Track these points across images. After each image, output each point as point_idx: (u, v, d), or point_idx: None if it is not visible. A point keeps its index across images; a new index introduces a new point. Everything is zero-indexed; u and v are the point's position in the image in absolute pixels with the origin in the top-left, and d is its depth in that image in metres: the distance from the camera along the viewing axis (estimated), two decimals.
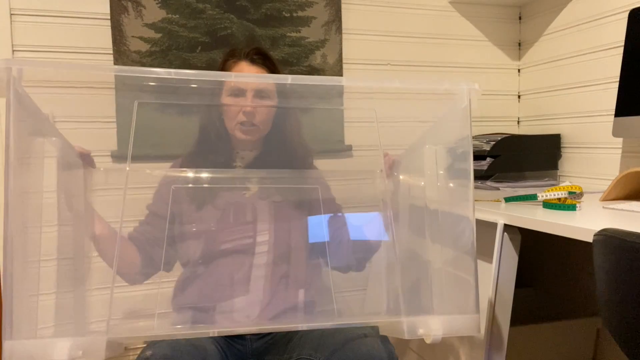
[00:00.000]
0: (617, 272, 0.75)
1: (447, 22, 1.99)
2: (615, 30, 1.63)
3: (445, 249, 1.03)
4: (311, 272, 1.25)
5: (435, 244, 1.05)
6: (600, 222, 1.00)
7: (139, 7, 1.63)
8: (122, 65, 1.62)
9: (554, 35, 1.91)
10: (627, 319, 0.76)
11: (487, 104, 2.07)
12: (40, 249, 0.88)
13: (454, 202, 1.02)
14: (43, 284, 0.89)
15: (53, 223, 0.95)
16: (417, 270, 1.10)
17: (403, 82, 1.02)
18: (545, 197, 1.23)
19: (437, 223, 1.03)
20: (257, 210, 1.20)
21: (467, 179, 0.97)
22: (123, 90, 1.62)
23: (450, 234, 1.02)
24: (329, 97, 1.68)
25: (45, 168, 0.91)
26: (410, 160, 1.16)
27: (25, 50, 1.55)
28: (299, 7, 1.79)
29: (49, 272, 0.92)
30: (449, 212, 1.03)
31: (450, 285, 1.03)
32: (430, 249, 1.06)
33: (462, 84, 0.98)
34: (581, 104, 1.79)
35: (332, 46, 1.83)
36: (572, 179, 1.84)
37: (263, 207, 1.21)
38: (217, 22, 1.70)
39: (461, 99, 0.97)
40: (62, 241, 0.96)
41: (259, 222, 1.19)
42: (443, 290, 1.03)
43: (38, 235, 0.88)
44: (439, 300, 1.03)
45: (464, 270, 0.97)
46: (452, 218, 1.02)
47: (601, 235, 0.78)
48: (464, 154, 0.98)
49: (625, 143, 1.63)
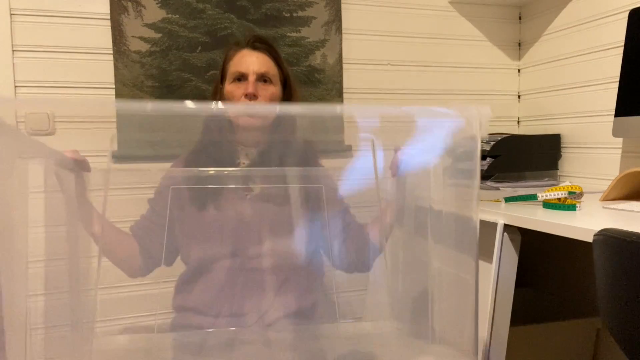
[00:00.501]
0: (617, 272, 0.75)
1: (447, 22, 1.99)
2: (615, 30, 1.63)
3: (447, 269, 1.01)
4: (314, 275, 1.23)
5: (437, 247, 1.03)
6: (600, 222, 1.00)
7: (139, 7, 1.63)
8: (122, 64, 1.62)
9: (554, 35, 1.91)
10: (627, 319, 0.76)
11: (487, 104, 2.06)
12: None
13: (459, 209, 0.99)
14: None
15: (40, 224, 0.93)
16: (417, 283, 1.08)
17: (408, 110, 0.96)
18: (545, 197, 1.23)
19: (441, 225, 1.01)
20: (258, 212, 1.18)
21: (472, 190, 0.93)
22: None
23: (453, 238, 1.00)
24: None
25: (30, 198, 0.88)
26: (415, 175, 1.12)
27: (25, 50, 1.55)
28: (299, 7, 1.79)
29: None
30: (454, 216, 1.00)
31: (450, 313, 1.01)
32: (433, 255, 1.04)
33: (472, 108, 0.93)
34: (581, 104, 1.79)
35: (332, 46, 1.83)
36: (572, 179, 1.84)
37: (265, 209, 1.19)
38: (217, 22, 1.70)
39: (470, 124, 0.92)
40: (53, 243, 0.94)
41: (260, 224, 1.18)
42: (443, 316, 1.01)
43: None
44: (438, 323, 1.01)
45: (464, 301, 0.94)
46: (455, 222, 0.99)
47: (601, 235, 0.78)
48: (469, 169, 0.93)
49: (625, 143, 1.63)
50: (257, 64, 1.19)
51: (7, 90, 1.53)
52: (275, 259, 1.16)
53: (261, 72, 1.18)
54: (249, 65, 1.18)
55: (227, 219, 1.17)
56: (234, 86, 1.19)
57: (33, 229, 0.87)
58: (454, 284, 1.00)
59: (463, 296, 0.96)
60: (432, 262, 1.05)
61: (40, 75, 1.57)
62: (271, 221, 1.18)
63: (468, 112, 0.91)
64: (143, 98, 1.65)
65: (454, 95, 2.02)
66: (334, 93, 1.85)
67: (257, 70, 1.18)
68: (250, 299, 1.14)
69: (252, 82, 1.17)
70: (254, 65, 1.18)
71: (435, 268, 1.04)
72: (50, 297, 0.94)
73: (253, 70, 1.18)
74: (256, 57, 1.20)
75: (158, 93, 1.66)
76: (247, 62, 1.19)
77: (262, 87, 1.18)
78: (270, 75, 1.20)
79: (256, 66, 1.18)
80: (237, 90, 1.18)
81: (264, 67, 1.19)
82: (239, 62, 1.20)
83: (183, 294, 1.19)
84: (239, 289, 1.14)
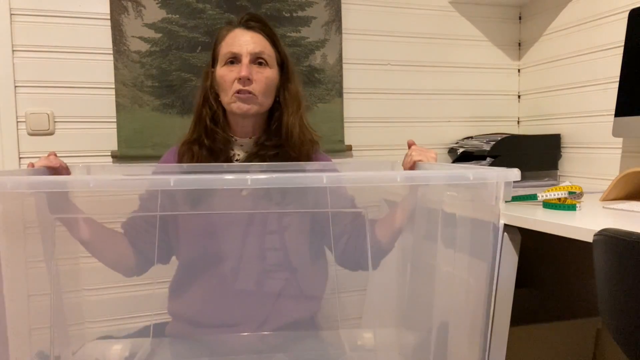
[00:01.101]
0: (617, 272, 0.75)
1: (447, 22, 1.99)
2: (615, 30, 1.63)
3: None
4: (314, 278, 1.14)
5: (447, 251, 0.98)
6: (600, 222, 1.00)
7: (139, 7, 1.63)
8: (122, 64, 1.62)
9: (554, 35, 1.91)
10: (627, 319, 0.76)
11: (487, 104, 2.07)
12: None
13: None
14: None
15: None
16: (424, 286, 1.04)
17: (422, 175, 0.85)
18: (545, 197, 1.23)
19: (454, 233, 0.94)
20: (253, 211, 1.09)
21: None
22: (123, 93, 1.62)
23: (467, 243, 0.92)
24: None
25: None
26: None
27: (25, 50, 1.55)
28: (299, 7, 1.79)
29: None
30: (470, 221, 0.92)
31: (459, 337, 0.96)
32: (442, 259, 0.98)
33: (493, 171, 0.78)
34: (581, 104, 1.79)
35: (332, 46, 1.83)
36: (572, 179, 1.84)
37: (262, 206, 1.09)
38: (217, 22, 1.70)
39: (490, 191, 0.79)
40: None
41: (256, 224, 1.08)
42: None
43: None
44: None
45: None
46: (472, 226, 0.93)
47: (601, 235, 0.78)
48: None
49: (625, 143, 1.62)
50: (251, 44, 1.08)
51: (7, 90, 1.53)
52: (274, 261, 1.08)
53: (255, 52, 1.08)
54: (242, 45, 1.08)
55: (221, 217, 1.09)
56: (226, 69, 1.09)
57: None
58: (463, 288, 0.97)
59: (471, 302, 0.92)
60: (441, 266, 1.02)
61: (40, 75, 1.57)
62: (270, 219, 1.08)
63: (489, 175, 0.77)
64: (143, 98, 1.65)
65: (454, 95, 2.02)
66: (334, 93, 1.85)
67: (252, 50, 1.08)
68: (246, 305, 1.06)
69: (245, 65, 1.06)
70: (247, 45, 1.08)
71: (444, 272, 1.01)
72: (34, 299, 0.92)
73: (247, 50, 1.07)
74: (250, 37, 1.09)
75: (158, 93, 1.66)
76: (240, 42, 1.09)
77: (257, 69, 1.08)
78: (265, 56, 1.09)
79: (250, 46, 1.08)
80: (230, 73, 1.08)
81: (258, 47, 1.09)
82: (232, 42, 1.09)
83: (178, 301, 1.11)
84: (235, 293, 1.07)
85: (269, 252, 1.08)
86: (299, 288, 1.10)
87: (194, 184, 0.67)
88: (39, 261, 0.90)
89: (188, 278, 1.10)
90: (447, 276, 0.94)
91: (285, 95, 1.14)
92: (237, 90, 1.07)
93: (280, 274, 1.08)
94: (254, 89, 1.08)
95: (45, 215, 0.88)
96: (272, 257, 1.08)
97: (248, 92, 1.07)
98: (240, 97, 1.08)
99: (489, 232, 0.81)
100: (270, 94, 1.12)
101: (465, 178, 0.76)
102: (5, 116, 1.54)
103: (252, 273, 1.07)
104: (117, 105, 1.62)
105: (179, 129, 1.67)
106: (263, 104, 1.11)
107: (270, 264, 1.08)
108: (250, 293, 1.07)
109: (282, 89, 1.15)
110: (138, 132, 1.64)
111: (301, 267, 1.10)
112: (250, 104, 1.08)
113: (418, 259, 1.08)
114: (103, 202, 1.03)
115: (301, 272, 1.10)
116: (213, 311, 1.08)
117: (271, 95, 1.13)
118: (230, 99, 1.09)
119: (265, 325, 1.06)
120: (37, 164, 0.98)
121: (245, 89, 1.07)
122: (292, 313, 1.08)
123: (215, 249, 1.08)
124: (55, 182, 0.71)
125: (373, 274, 1.06)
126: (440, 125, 2.01)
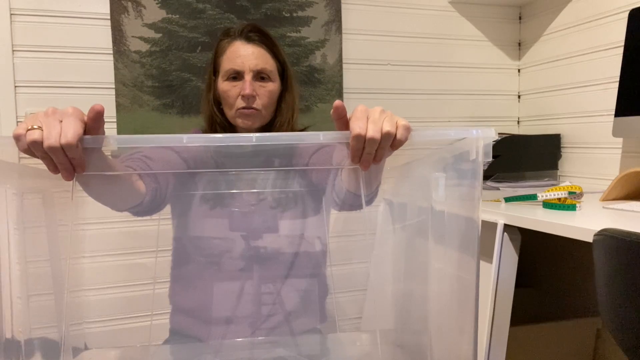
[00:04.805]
0: (617, 272, 0.75)
1: (447, 22, 1.99)
2: (615, 30, 1.63)
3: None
4: (314, 280, 1.16)
5: (438, 248, 1.01)
6: (600, 222, 1.00)
7: (139, 7, 1.63)
8: (122, 64, 1.62)
9: (554, 35, 1.91)
10: (627, 319, 0.76)
11: (487, 104, 2.07)
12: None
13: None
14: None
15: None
16: (417, 284, 1.06)
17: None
18: (545, 197, 1.23)
19: (443, 229, 0.97)
20: (255, 214, 1.12)
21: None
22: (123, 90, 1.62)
23: (455, 239, 0.96)
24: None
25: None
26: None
27: (25, 50, 1.55)
28: (299, 7, 1.79)
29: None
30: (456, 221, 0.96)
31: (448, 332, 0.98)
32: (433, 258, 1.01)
33: (473, 130, 0.82)
34: (581, 104, 1.79)
35: (332, 46, 1.83)
36: (572, 179, 1.84)
37: (262, 210, 1.12)
38: (217, 22, 1.70)
39: (471, 148, 0.83)
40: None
41: (256, 227, 1.11)
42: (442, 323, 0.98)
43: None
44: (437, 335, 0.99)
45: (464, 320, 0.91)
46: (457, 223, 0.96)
47: (601, 235, 0.78)
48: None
49: (625, 143, 1.63)
50: (253, 60, 1.09)
51: (7, 90, 1.53)
52: (272, 264, 1.10)
53: (258, 69, 1.09)
54: (244, 61, 1.09)
55: (222, 221, 1.10)
56: (229, 85, 1.10)
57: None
58: (455, 285, 0.99)
59: (463, 299, 0.94)
60: (432, 263, 1.04)
61: (40, 75, 1.57)
62: (267, 224, 1.11)
63: (468, 134, 0.83)
64: (143, 98, 1.65)
65: (454, 95, 2.02)
66: (334, 93, 1.85)
67: (254, 67, 1.09)
68: (246, 304, 1.07)
69: (249, 82, 1.08)
70: (249, 61, 1.09)
71: (436, 269, 1.03)
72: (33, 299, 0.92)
73: (249, 67, 1.08)
74: (252, 52, 1.10)
75: (158, 93, 1.66)
76: (242, 58, 1.09)
77: (260, 85, 1.10)
78: (267, 71, 1.10)
79: (252, 62, 1.09)
80: (233, 89, 1.10)
81: (260, 63, 1.09)
82: (233, 57, 1.10)
83: (178, 299, 1.13)
84: (235, 290, 1.08)
85: (269, 255, 1.10)
86: (298, 290, 1.11)
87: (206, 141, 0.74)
88: (39, 261, 0.91)
89: (188, 280, 1.11)
90: (437, 271, 0.96)
91: (281, 106, 1.16)
92: (241, 107, 1.09)
93: (279, 277, 1.10)
94: (258, 104, 1.10)
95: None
96: (272, 260, 1.10)
97: (252, 108, 1.09)
98: (244, 113, 1.09)
99: (474, 224, 0.84)
100: (273, 104, 1.14)
101: (447, 135, 0.85)
102: (5, 116, 1.54)
103: (250, 276, 1.09)
104: (117, 105, 1.62)
105: (179, 129, 1.67)
106: (266, 117, 1.13)
107: (269, 267, 1.10)
108: (249, 295, 1.08)
109: (281, 98, 1.16)
110: (138, 132, 1.64)
111: (299, 270, 1.12)
112: (254, 119, 1.11)
113: (410, 256, 1.10)
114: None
115: (300, 274, 1.12)
116: (212, 305, 1.09)
117: (273, 105, 1.15)
118: (235, 114, 1.10)
119: (265, 323, 1.08)
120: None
121: (248, 106, 1.09)
122: (290, 313, 1.10)
123: (213, 251, 1.09)
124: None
125: (369, 273, 1.08)
126: (440, 125, 2.01)
